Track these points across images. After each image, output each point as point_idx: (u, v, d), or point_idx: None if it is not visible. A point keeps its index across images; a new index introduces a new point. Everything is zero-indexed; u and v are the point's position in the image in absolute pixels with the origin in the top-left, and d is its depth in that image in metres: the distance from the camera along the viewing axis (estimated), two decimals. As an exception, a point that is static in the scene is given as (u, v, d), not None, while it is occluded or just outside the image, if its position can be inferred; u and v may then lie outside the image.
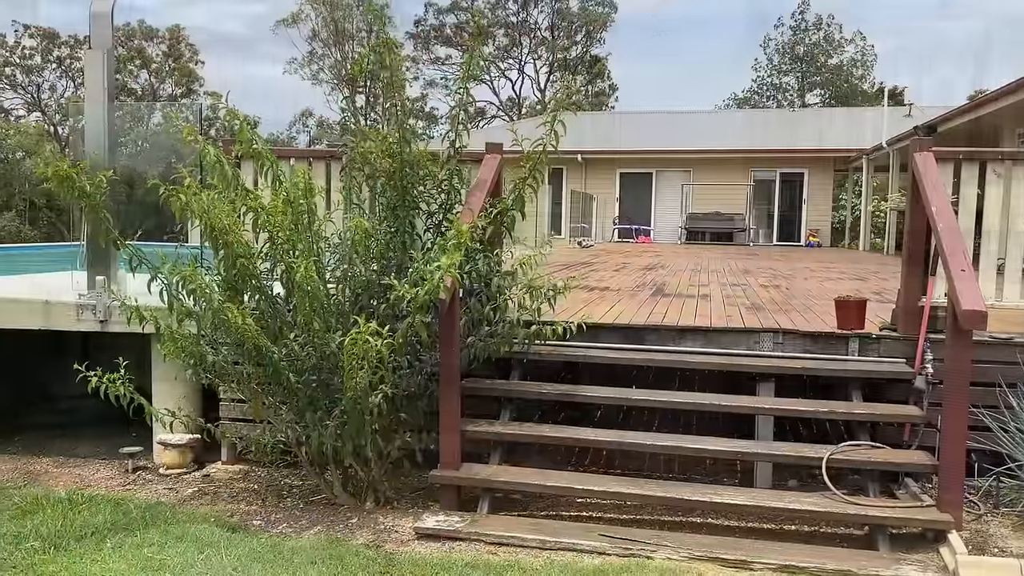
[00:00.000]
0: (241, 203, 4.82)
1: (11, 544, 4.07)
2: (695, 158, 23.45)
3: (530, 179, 5.22)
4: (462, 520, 4.49)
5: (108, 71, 5.96)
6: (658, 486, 4.63)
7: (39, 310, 5.88)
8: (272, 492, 5.26)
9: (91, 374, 4.66)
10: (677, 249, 18.52)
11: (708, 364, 5.35)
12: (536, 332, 4.98)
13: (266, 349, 4.55)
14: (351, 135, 5.29)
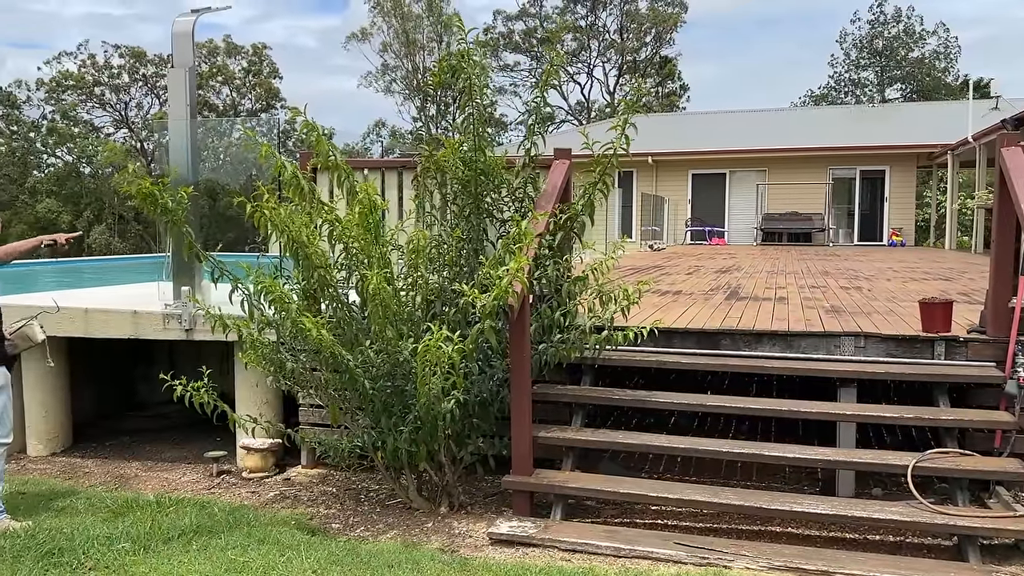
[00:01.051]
0: (318, 215, 4.95)
1: (104, 545, 4.24)
2: (770, 157, 22.95)
3: (599, 183, 5.20)
4: (535, 526, 4.49)
5: (190, 88, 6.19)
6: (735, 494, 4.54)
7: (128, 320, 6.14)
8: (350, 496, 5.37)
9: (176, 383, 4.84)
10: (752, 251, 18.15)
11: (786, 369, 5.23)
12: (607, 337, 4.96)
13: (342, 356, 4.65)
14: (424, 144, 5.36)
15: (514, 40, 46.98)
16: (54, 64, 43.58)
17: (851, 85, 46.57)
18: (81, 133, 41.67)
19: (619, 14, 46.25)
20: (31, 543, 4.26)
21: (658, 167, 23.70)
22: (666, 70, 46.21)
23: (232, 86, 44.79)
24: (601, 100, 47.92)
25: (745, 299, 7.26)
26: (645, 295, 7.22)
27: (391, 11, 46.01)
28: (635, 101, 5.21)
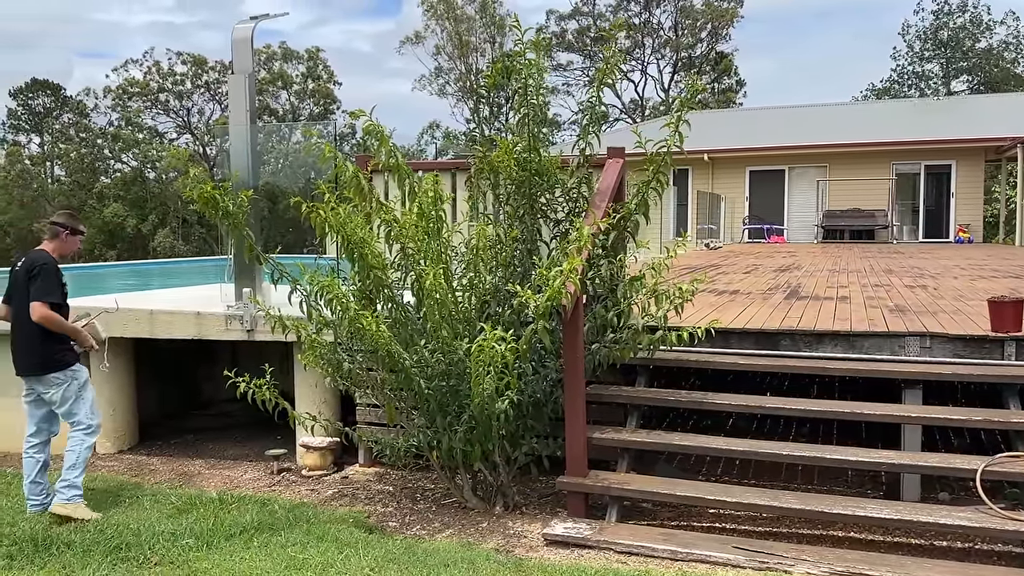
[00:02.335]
0: (376, 216, 5.01)
1: (168, 541, 4.37)
2: (831, 153, 22.42)
3: (654, 182, 5.15)
4: (590, 528, 4.47)
5: (250, 94, 6.33)
6: (795, 498, 4.45)
7: (192, 321, 6.30)
8: (406, 495, 5.42)
9: (240, 380, 4.95)
10: (813, 248, 17.77)
11: (848, 370, 5.11)
12: (662, 338, 4.90)
13: (398, 356, 4.70)
14: (478, 145, 5.39)
15: (567, 39, 46.86)
16: (121, 72, 45.03)
17: (915, 78, 45.28)
18: (146, 139, 42.96)
19: (674, 10, 45.76)
20: (100, 538, 4.41)
21: (714, 164, 23.37)
22: (722, 66, 45.56)
23: (291, 91, 45.63)
24: (655, 98, 47.51)
25: (805, 298, 7.12)
26: (701, 295, 7.13)
27: (444, 14, 46.33)
28: (690, 98, 5.15)
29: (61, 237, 5.11)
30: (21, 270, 5.02)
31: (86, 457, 5.06)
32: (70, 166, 42.61)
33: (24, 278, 4.96)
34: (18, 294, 5.03)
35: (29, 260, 5.02)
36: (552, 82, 47.16)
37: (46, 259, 5.02)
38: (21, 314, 4.98)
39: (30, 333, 4.94)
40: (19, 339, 5.04)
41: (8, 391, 6.81)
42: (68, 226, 5.14)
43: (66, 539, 4.40)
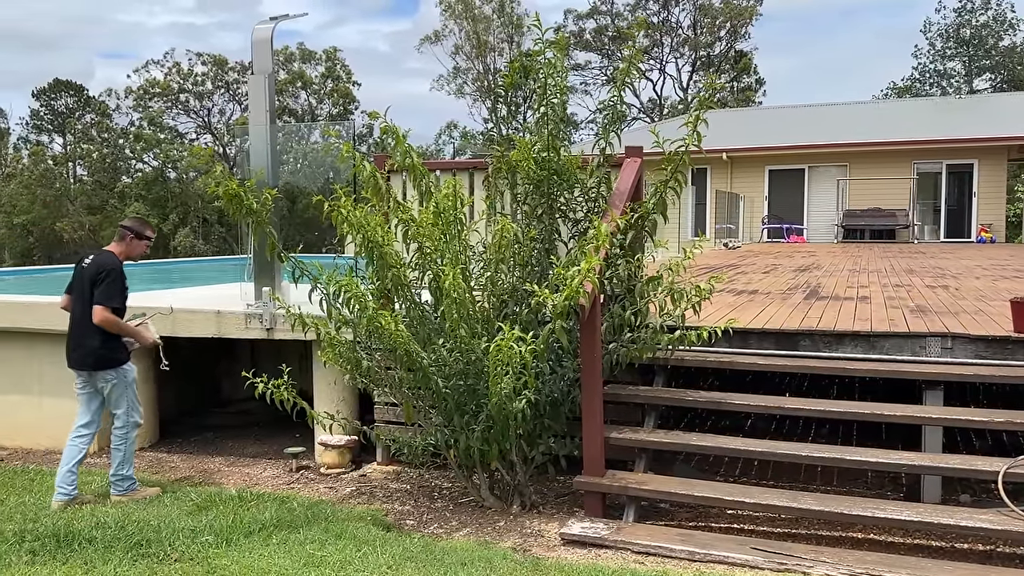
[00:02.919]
0: (393, 215, 5.03)
1: (188, 538, 4.40)
2: (851, 152, 22.26)
3: (672, 181, 5.13)
4: (607, 528, 4.47)
5: (269, 94, 6.37)
6: (814, 499, 4.42)
7: (212, 319, 6.35)
8: (423, 493, 5.44)
9: (258, 380, 4.99)
10: (833, 248, 17.64)
11: (868, 371, 5.07)
12: (680, 337, 4.89)
13: (416, 355, 4.71)
14: (496, 144, 5.39)
15: (585, 39, 46.79)
16: (142, 72, 45.45)
17: (937, 76, 44.84)
18: (167, 139, 43.33)
19: (692, 9, 45.57)
20: (121, 534, 4.45)
21: (733, 163, 23.25)
22: (741, 64, 45.31)
23: (310, 91, 45.87)
24: (674, 97, 47.34)
25: (825, 299, 7.07)
26: (720, 295, 7.10)
27: (462, 14, 46.38)
28: (708, 97, 5.13)
29: (127, 240, 5.33)
30: (88, 269, 5.22)
31: (132, 450, 5.37)
32: (92, 166, 43.07)
33: (90, 279, 5.17)
34: (80, 291, 5.24)
35: (96, 263, 5.24)
36: (570, 81, 47.10)
37: (113, 263, 5.23)
38: (80, 311, 5.23)
39: (87, 331, 5.17)
40: (76, 335, 5.27)
41: (31, 388, 6.91)
42: (136, 231, 5.36)
43: (88, 535, 4.44)
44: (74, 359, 5.28)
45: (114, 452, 5.33)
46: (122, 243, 5.32)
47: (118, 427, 5.32)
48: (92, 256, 5.35)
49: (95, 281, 5.14)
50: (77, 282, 5.30)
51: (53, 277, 12.98)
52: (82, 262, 5.33)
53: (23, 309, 6.83)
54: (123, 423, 5.32)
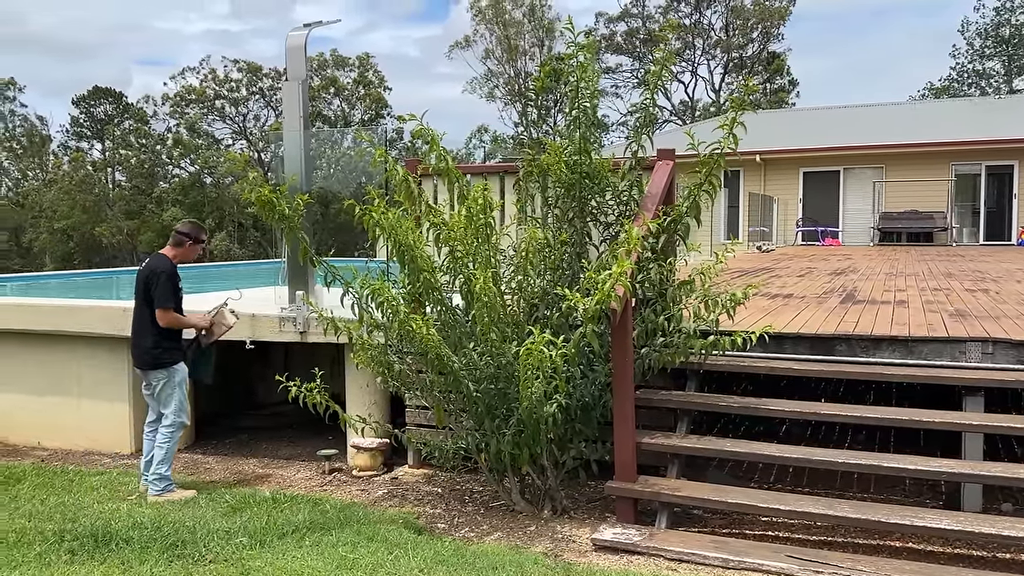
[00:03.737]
0: (425, 219, 5.05)
1: (223, 539, 4.45)
2: (888, 153, 21.91)
3: (706, 184, 5.09)
4: (640, 534, 4.43)
5: (303, 100, 6.43)
6: (851, 507, 4.35)
7: (247, 323, 6.41)
8: (455, 497, 5.44)
9: (291, 384, 5.04)
10: (869, 251, 17.38)
11: (906, 376, 4.98)
12: (713, 342, 4.84)
13: (447, 358, 4.72)
14: (527, 148, 5.39)
15: (616, 41, 46.67)
16: (179, 79, 46.21)
17: (975, 76, 44.03)
18: (203, 145, 44.00)
19: (724, 10, 45.25)
20: (157, 535, 4.51)
21: (766, 165, 23.03)
22: (774, 66, 44.89)
23: (342, 97, 46.30)
24: (706, 99, 47.03)
25: (862, 302, 6.96)
26: (754, 299, 7.02)
27: (493, 18, 46.51)
28: (742, 99, 5.07)
29: (185, 246, 5.59)
30: (142, 273, 5.49)
31: (173, 451, 5.57)
32: (130, 171, 43.88)
33: (144, 283, 5.43)
34: (138, 293, 5.50)
35: (149, 267, 5.49)
36: (601, 84, 46.94)
37: (164, 266, 5.46)
38: (137, 313, 5.51)
39: (142, 332, 5.48)
40: (135, 335, 5.55)
41: (70, 390, 7.04)
42: (192, 236, 5.60)
43: (125, 535, 4.51)
44: (135, 359, 5.60)
45: (156, 449, 5.49)
46: (179, 248, 5.57)
47: (165, 425, 5.50)
48: (147, 261, 5.60)
49: (149, 285, 5.40)
50: (136, 285, 5.56)
51: (92, 281, 13.22)
52: (141, 267, 5.61)
53: (64, 312, 6.96)
54: (171, 422, 5.49)
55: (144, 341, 5.45)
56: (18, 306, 7.27)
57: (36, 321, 7.01)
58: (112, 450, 6.86)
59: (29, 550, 4.36)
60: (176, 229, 5.68)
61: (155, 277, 5.39)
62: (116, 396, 6.86)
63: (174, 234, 5.63)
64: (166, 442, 5.47)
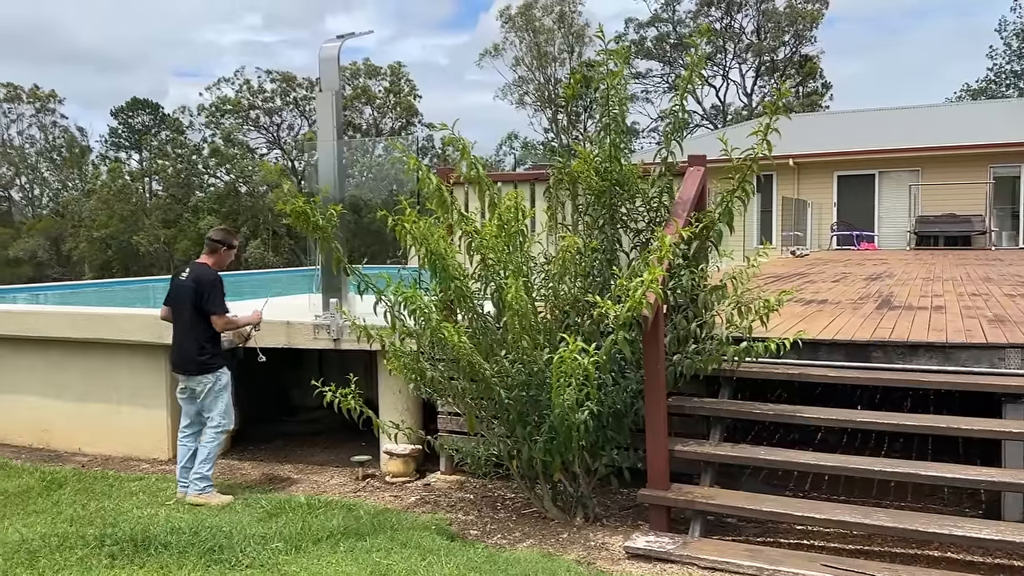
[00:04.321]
0: (457, 228, 5.08)
1: (259, 544, 4.51)
2: (924, 156, 21.59)
3: (738, 191, 5.06)
4: (673, 542, 4.41)
5: (336, 110, 6.51)
6: (888, 516, 4.29)
7: (282, 330, 6.50)
8: (487, 503, 5.46)
9: (326, 389, 5.10)
10: (905, 256, 17.13)
11: (944, 384, 4.91)
12: (746, 349, 4.81)
13: (479, 365, 4.75)
14: (558, 156, 5.41)
15: (646, 47, 46.53)
16: (214, 90, 46.95)
17: (1013, 77, 43.22)
18: (238, 154, 44.62)
19: (756, 14, 44.93)
20: (195, 539, 4.59)
21: (800, 169, 22.79)
22: (806, 69, 44.44)
23: (374, 106, 46.69)
24: (737, 103, 46.70)
25: (898, 308, 6.87)
26: (787, 305, 6.95)
27: (523, 26, 46.63)
28: (776, 101, 5.03)
29: (219, 252, 5.78)
30: (188, 281, 5.63)
31: (216, 453, 5.72)
32: (167, 181, 44.61)
33: (192, 291, 5.57)
34: (182, 302, 5.64)
35: (196, 277, 5.63)
36: (631, 90, 46.86)
37: (212, 275, 5.65)
38: (184, 320, 5.64)
39: (189, 339, 5.62)
40: (178, 342, 5.70)
41: (110, 397, 7.17)
42: (225, 242, 5.81)
43: (163, 540, 4.59)
44: (177, 364, 5.71)
45: (200, 449, 5.64)
46: (214, 255, 5.75)
47: (212, 427, 5.66)
48: (189, 270, 5.73)
49: (199, 294, 5.55)
50: (177, 293, 5.69)
51: (130, 289, 13.47)
52: (179, 275, 5.74)
53: (103, 320, 7.10)
54: (216, 424, 5.66)
55: (191, 348, 5.59)
56: (60, 314, 7.43)
57: (77, 329, 7.16)
58: (150, 456, 6.98)
59: (71, 554, 4.46)
60: (209, 237, 5.85)
61: (206, 286, 5.56)
62: (154, 403, 6.98)
63: (208, 242, 5.81)
64: (211, 443, 5.63)
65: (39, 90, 50.44)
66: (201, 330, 5.60)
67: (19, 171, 50.47)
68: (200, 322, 5.60)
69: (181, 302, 5.64)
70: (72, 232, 41.76)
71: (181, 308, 5.64)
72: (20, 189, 51.37)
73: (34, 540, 4.66)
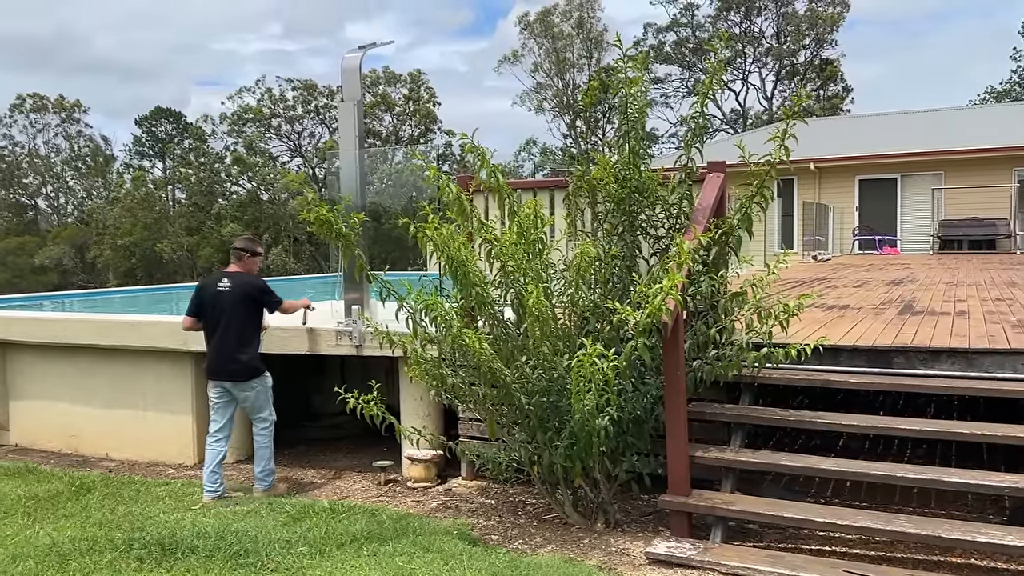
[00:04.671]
0: (477, 235, 5.13)
1: (284, 548, 4.57)
2: (947, 159, 21.38)
3: (757, 197, 5.07)
4: (694, 548, 4.42)
5: (358, 120, 6.59)
6: (910, 522, 4.28)
7: (305, 337, 6.58)
8: (508, 508, 5.49)
9: (349, 396, 5.16)
10: (928, 260, 16.98)
11: (967, 390, 4.88)
12: (766, 355, 4.81)
13: (499, 371, 4.78)
14: (577, 163, 5.44)
15: (665, 51, 46.48)
16: (236, 99, 47.44)
17: (1039, 78, 42.70)
18: (260, 162, 45.05)
19: (776, 17, 44.76)
20: (221, 544, 4.65)
21: (821, 173, 22.67)
22: (827, 72, 44.18)
23: (393, 113, 46.97)
24: (758, 106, 46.50)
25: (920, 313, 6.83)
26: (809, 310, 6.95)
27: (542, 32, 46.73)
28: (792, 107, 5.04)
29: (244, 260, 6.02)
30: (233, 292, 5.85)
31: (272, 447, 6.06)
32: (190, 189, 45.11)
33: (240, 298, 5.83)
34: (227, 310, 5.83)
35: (240, 284, 5.88)
36: (650, 95, 46.73)
37: (256, 277, 6.05)
38: (233, 328, 5.83)
39: (239, 346, 5.83)
40: (223, 349, 5.86)
41: (136, 403, 7.28)
42: (251, 250, 6.08)
43: (190, 544, 4.66)
44: (221, 371, 5.88)
45: (262, 451, 5.98)
46: (240, 262, 5.99)
47: (264, 428, 5.99)
48: (226, 280, 5.90)
49: (252, 298, 5.86)
50: (216, 303, 5.85)
51: (154, 296, 13.64)
52: (217, 286, 5.89)
53: (130, 328, 7.22)
54: (268, 423, 6.01)
55: (242, 355, 5.83)
56: (89, 322, 7.55)
57: (105, 336, 7.28)
58: (176, 461, 7.08)
59: (100, 557, 4.54)
60: (234, 246, 6.07)
61: (256, 289, 5.90)
62: (180, 409, 7.08)
63: (233, 251, 6.02)
64: (268, 442, 5.99)
65: (64, 100, 51.25)
66: (251, 336, 5.88)
67: (45, 180, 51.24)
68: (250, 327, 5.86)
69: (226, 311, 5.82)
70: (97, 240, 42.32)
71: (227, 317, 5.82)
72: (46, 198, 52.16)
73: (64, 543, 4.75)
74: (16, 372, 7.83)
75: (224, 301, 5.83)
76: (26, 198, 51.46)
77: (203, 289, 6.01)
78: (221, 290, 5.85)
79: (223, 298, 5.84)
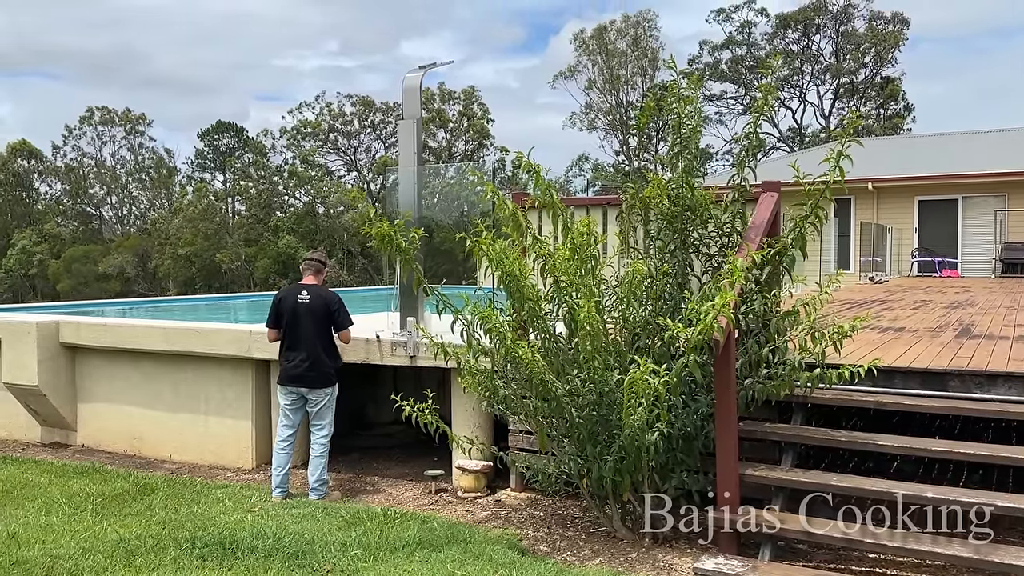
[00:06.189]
0: (531, 251, 5.24)
1: (339, 551, 4.71)
2: (1011, 181, 20.82)
3: (811, 217, 5.09)
4: (742, 565, 4.43)
5: (417, 138, 6.78)
6: (964, 547, 4.23)
7: (362, 347, 6.75)
8: (556, 520, 5.56)
9: (405, 404, 5.30)
10: (990, 284, 16.56)
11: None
12: (819, 375, 4.81)
13: (550, 384, 4.87)
14: (630, 181, 5.52)
15: (720, 69, 46.21)
16: (295, 114, 48.56)
17: (1112, 97, 41.29)
18: (317, 176, 45.97)
19: (835, 35, 44.20)
20: (279, 545, 4.81)
21: (879, 194, 22.28)
22: (887, 91, 43.41)
23: (447, 129, 47.54)
24: (815, 125, 45.89)
25: (978, 337, 6.72)
26: (863, 332, 6.88)
27: (596, 49, 46.87)
28: (847, 130, 5.05)
29: (323, 272, 6.45)
30: (313, 303, 6.16)
31: (327, 458, 6.26)
32: (249, 201, 46.23)
33: (321, 310, 6.15)
34: (310, 320, 6.13)
35: (319, 297, 6.20)
36: (705, 112, 46.38)
37: (334, 294, 6.34)
38: (315, 337, 6.13)
39: (322, 355, 6.15)
40: (309, 358, 6.13)
41: (198, 408, 7.53)
42: (324, 262, 6.57)
43: (249, 544, 4.83)
44: (300, 378, 6.14)
45: (318, 460, 6.18)
46: (319, 274, 6.37)
47: (322, 436, 6.21)
48: (305, 292, 6.20)
49: (333, 311, 6.18)
50: (294, 313, 6.15)
51: (212, 305, 14.03)
52: (297, 298, 6.18)
53: (194, 335, 7.48)
54: (327, 432, 6.23)
55: (323, 363, 6.13)
56: (155, 328, 7.84)
57: (170, 342, 7.55)
58: (235, 465, 7.29)
59: (165, 554, 4.74)
60: (315, 259, 6.41)
61: (336, 303, 6.21)
62: (240, 414, 7.30)
63: (314, 263, 6.35)
64: (325, 450, 6.20)
65: (130, 113, 53.03)
66: (330, 345, 6.20)
67: (111, 190, 53.02)
68: (328, 337, 6.17)
69: (308, 321, 6.11)
70: (158, 249, 43.56)
71: (310, 327, 6.10)
72: (111, 208, 53.95)
73: (130, 540, 4.96)
74: (84, 375, 8.15)
75: (304, 312, 6.12)
76: (92, 208, 53.29)
77: (282, 301, 6.27)
78: (301, 301, 6.14)
79: (306, 308, 6.13)
